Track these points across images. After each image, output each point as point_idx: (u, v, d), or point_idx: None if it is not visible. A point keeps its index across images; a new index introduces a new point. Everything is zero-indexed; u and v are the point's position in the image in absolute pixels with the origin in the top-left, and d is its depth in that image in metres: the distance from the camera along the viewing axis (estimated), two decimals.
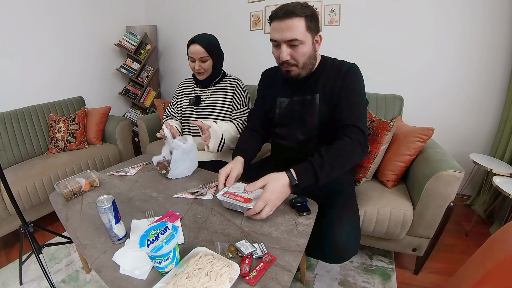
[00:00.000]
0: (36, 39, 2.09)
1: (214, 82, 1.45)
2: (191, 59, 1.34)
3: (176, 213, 0.88)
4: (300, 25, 0.87)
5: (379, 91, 1.66)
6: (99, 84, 2.64)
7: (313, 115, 1.01)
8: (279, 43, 0.91)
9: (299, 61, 0.93)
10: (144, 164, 1.27)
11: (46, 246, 1.33)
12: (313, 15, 0.89)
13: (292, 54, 0.92)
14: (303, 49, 0.91)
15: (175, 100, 1.57)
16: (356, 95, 0.95)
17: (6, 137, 1.78)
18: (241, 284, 0.62)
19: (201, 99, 1.45)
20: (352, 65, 0.98)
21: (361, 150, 0.88)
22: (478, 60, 1.73)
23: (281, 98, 1.09)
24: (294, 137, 1.07)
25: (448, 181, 1.05)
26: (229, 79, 1.46)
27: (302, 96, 1.03)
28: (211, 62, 1.34)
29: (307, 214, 0.85)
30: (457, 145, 1.89)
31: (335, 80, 0.97)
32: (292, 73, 0.97)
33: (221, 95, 1.44)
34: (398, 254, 1.41)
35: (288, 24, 0.87)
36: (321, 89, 0.99)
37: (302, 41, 0.89)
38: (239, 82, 1.46)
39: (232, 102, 1.43)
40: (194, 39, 1.30)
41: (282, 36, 0.89)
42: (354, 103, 0.94)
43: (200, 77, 1.38)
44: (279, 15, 0.88)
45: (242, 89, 1.45)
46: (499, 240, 0.64)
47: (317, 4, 2.03)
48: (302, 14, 0.86)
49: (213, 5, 2.50)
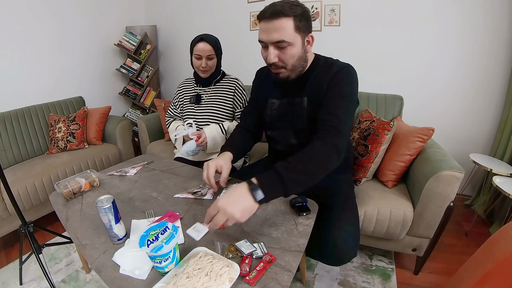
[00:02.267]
0: (36, 39, 2.09)
1: (215, 81, 1.47)
2: (197, 57, 1.35)
3: (176, 213, 0.88)
4: (288, 25, 0.81)
5: (379, 91, 1.65)
6: (99, 84, 2.64)
7: (302, 118, 0.97)
8: (266, 44, 0.86)
9: (287, 63, 0.88)
10: (144, 164, 1.27)
11: (46, 246, 1.33)
12: (303, 14, 0.83)
13: (279, 56, 0.86)
14: (292, 51, 0.85)
15: (176, 101, 1.58)
16: (341, 96, 0.87)
17: (6, 137, 1.78)
18: (241, 284, 0.62)
19: (201, 98, 1.46)
20: (344, 66, 0.91)
21: (336, 153, 0.79)
22: (478, 60, 1.73)
23: (272, 99, 1.05)
24: (287, 141, 1.05)
25: (448, 181, 1.05)
26: (229, 79, 1.48)
27: (292, 99, 0.99)
28: (215, 60, 1.38)
29: (307, 214, 0.85)
30: (457, 145, 1.89)
31: (322, 81, 0.91)
32: (281, 75, 0.92)
33: (221, 94, 1.46)
34: (398, 254, 1.41)
35: (275, 25, 0.81)
36: (308, 91, 0.95)
37: (290, 42, 0.83)
38: (239, 81, 1.48)
39: (233, 101, 1.46)
40: (202, 37, 1.33)
41: (269, 37, 0.83)
42: (338, 103, 0.86)
43: (204, 74, 1.40)
44: (266, 15, 0.82)
45: (242, 89, 1.47)
46: (499, 240, 0.64)
47: (317, 4, 2.03)
48: (291, 13, 0.80)
49: (213, 5, 2.50)
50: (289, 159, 0.76)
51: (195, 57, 1.36)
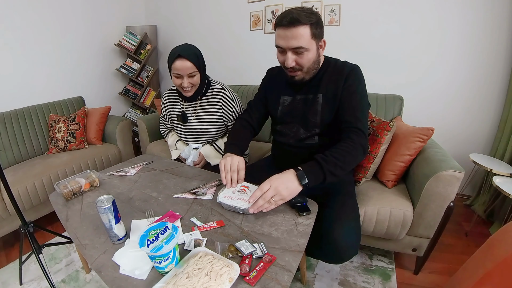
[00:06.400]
0: (36, 39, 2.09)
1: (200, 96, 1.34)
2: (177, 75, 1.19)
3: (176, 213, 0.88)
4: (305, 33, 0.87)
5: (379, 91, 1.65)
6: (99, 84, 2.64)
7: (315, 113, 1.02)
8: (284, 49, 0.92)
9: (304, 66, 0.94)
10: (144, 164, 1.27)
11: (46, 246, 1.33)
12: (318, 22, 0.89)
13: (297, 60, 0.93)
14: (308, 56, 0.92)
15: (164, 114, 1.48)
16: (358, 96, 0.97)
17: (6, 137, 1.78)
18: (241, 284, 0.62)
19: (188, 117, 1.36)
20: (354, 66, 1.00)
21: (362, 152, 0.90)
22: (478, 60, 1.73)
23: (284, 96, 1.11)
24: (296, 135, 1.08)
25: (448, 181, 1.05)
26: (214, 90, 1.34)
27: (305, 95, 1.05)
28: (199, 76, 1.22)
29: (307, 214, 0.85)
30: (457, 145, 1.89)
31: (337, 81, 0.98)
32: (297, 77, 0.99)
33: (209, 109, 1.34)
34: (398, 254, 1.41)
35: (293, 33, 0.87)
36: (324, 89, 1.01)
37: (307, 48, 0.89)
38: (225, 92, 1.33)
39: (222, 114, 1.34)
40: (179, 53, 1.14)
41: (288, 44, 0.89)
42: (356, 105, 0.95)
43: (188, 94, 1.25)
44: (283, 22, 0.87)
45: (230, 99, 1.33)
46: (499, 240, 0.64)
47: (317, 4, 2.03)
48: (307, 22, 0.86)
49: (213, 5, 2.50)
50: (326, 153, 0.86)
51: (175, 76, 1.20)
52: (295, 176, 0.82)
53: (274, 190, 0.79)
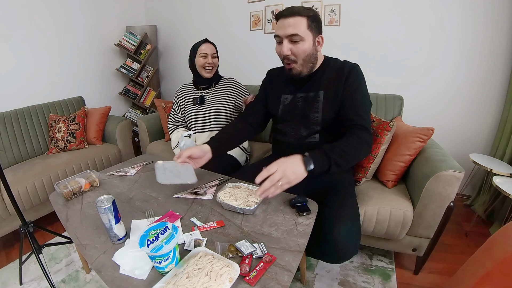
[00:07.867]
0: (36, 39, 2.09)
1: (214, 83, 1.56)
2: (203, 55, 1.46)
3: (176, 213, 0.88)
4: (302, 23, 0.93)
5: (379, 91, 1.65)
6: (99, 84, 2.63)
7: (316, 111, 1.04)
8: (281, 39, 0.96)
9: (298, 57, 0.97)
10: (144, 164, 1.27)
11: (46, 246, 1.33)
12: (315, 16, 0.95)
13: (292, 49, 0.96)
14: (303, 46, 0.95)
15: (177, 106, 1.61)
16: (360, 94, 0.99)
17: (6, 137, 1.78)
18: (241, 284, 0.62)
19: (205, 98, 1.52)
20: (354, 65, 1.02)
21: (366, 147, 0.93)
22: (478, 60, 1.73)
23: (285, 95, 1.13)
24: (297, 133, 1.09)
25: (448, 181, 1.05)
26: (225, 79, 1.61)
27: (306, 93, 1.06)
28: (217, 61, 1.52)
29: (307, 214, 0.85)
30: (457, 145, 1.89)
31: (338, 80, 1.00)
32: (293, 70, 1.01)
33: (224, 92, 1.56)
34: (398, 254, 1.41)
35: (290, 22, 0.93)
36: (324, 87, 1.03)
37: (303, 37, 0.93)
38: (234, 79, 1.63)
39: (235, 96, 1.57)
40: (206, 39, 1.50)
41: (284, 31, 0.94)
42: (359, 103, 0.98)
43: (209, 74, 1.50)
44: (284, 14, 0.95)
45: (239, 84, 1.62)
46: (499, 240, 0.64)
47: (317, 4, 2.03)
48: (304, 14, 0.93)
49: (213, 5, 2.50)
50: (333, 144, 0.88)
51: (201, 56, 1.46)
52: (301, 161, 0.81)
53: (282, 173, 0.77)
